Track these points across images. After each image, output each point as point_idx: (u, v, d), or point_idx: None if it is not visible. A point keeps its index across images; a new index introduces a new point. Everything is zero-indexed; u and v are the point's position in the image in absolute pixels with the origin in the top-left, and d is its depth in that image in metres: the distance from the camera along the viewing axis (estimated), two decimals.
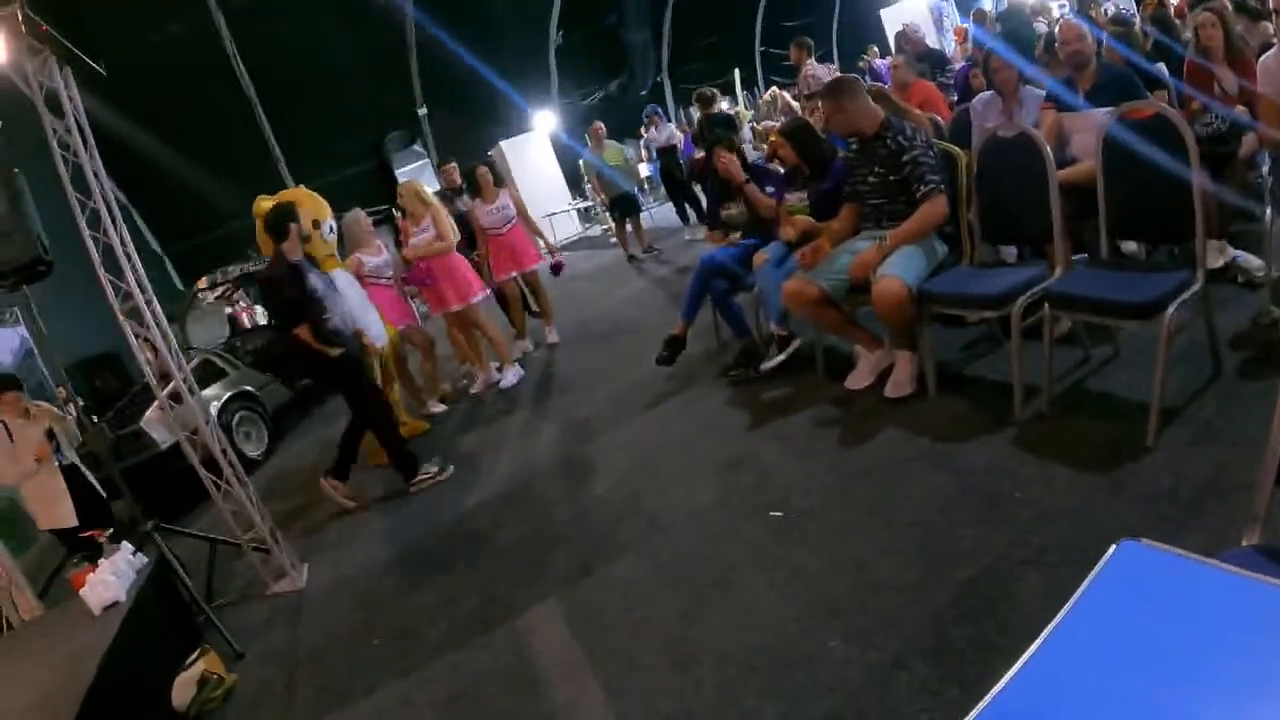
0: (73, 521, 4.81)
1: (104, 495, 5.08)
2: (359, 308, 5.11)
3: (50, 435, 5.00)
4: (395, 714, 2.79)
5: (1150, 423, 2.82)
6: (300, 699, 3.07)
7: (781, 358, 4.46)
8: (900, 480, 3.15)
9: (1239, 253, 3.85)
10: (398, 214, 6.40)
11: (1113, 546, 1.11)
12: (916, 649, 2.25)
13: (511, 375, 6.31)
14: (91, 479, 5.24)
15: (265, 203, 4.91)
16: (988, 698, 0.96)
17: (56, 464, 4.95)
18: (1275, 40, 3.68)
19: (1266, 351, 3.08)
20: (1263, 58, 3.53)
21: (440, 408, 6.17)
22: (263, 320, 8.82)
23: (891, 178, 3.77)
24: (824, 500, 3.21)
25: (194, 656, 3.27)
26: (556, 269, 6.78)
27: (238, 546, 4.08)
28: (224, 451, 4.06)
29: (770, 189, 4.84)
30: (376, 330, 5.22)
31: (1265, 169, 3.75)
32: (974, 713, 0.95)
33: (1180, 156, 2.89)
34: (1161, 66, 4.71)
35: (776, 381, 4.48)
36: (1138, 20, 5.81)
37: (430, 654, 3.04)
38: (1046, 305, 3.13)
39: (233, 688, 3.23)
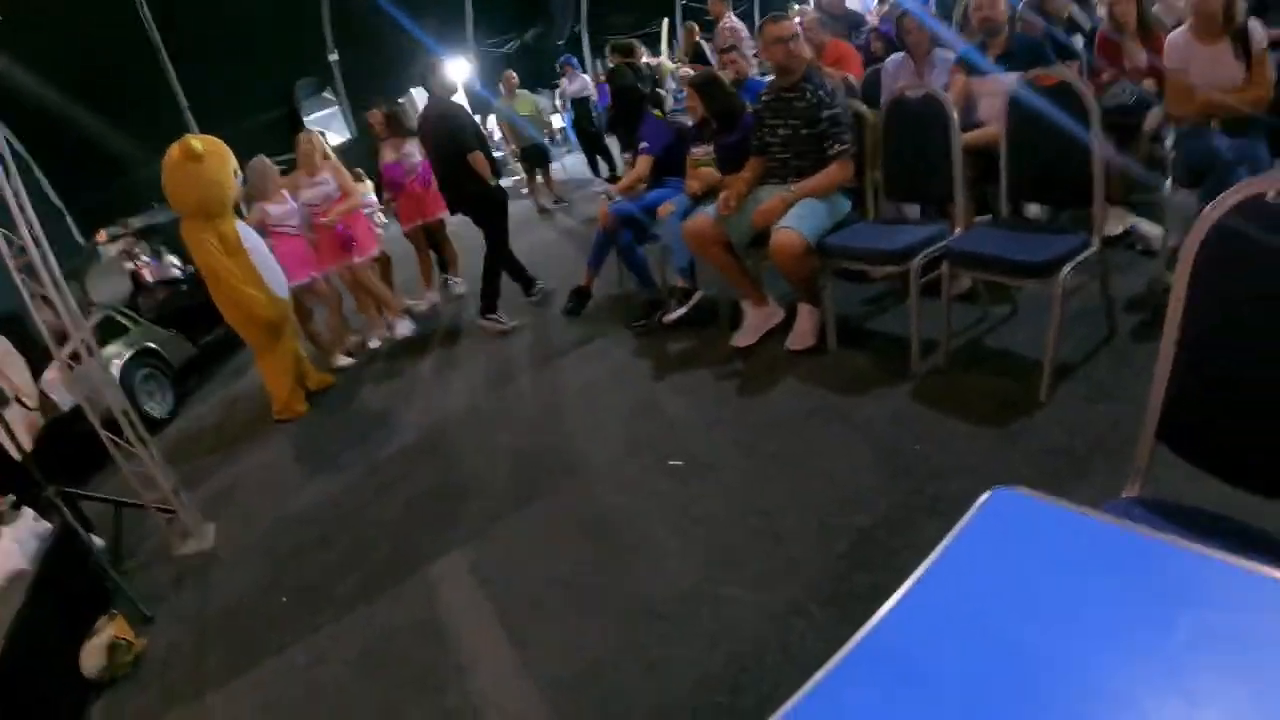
0: None
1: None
2: (262, 259, 4.97)
3: None
4: (306, 671, 2.77)
5: (1044, 379, 2.95)
6: (210, 660, 3.02)
7: (684, 310, 4.52)
8: (802, 431, 3.23)
9: (1139, 220, 4.02)
10: None
11: (986, 493, 1.14)
12: (815, 595, 2.33)
13: (404, 326, 6.25)
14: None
15: (195, 143, 4.71)
16: (857, 635, 0.98)
17: None
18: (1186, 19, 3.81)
19: (1159, 316, 3.21)
20: (1170, 34, 3.65)
21: (347, 361, 6.06)
22: (170, 273, 8.44)
23: (804, 131, 3.80)
24: (727, 450, 3.28)
25: (102, 622, 3.18)
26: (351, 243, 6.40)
27: (143, 508, 3.96)
28: (125, 412, 3.91)
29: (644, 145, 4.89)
30: (280, 280, 5.09)
31: (1169, 142, 3.90)
32: (842, 651, 0.97)
33: (1083, 124, 2.97)
34: (1077, 38, 4.84)
35: (682, 333, 4.54)
36: None
37: (340, 609, 3.03)
38: (945, 262, 3.23)
39: (142, 653, 3.15)
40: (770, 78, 4.21)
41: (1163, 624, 0.92)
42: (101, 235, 8.44)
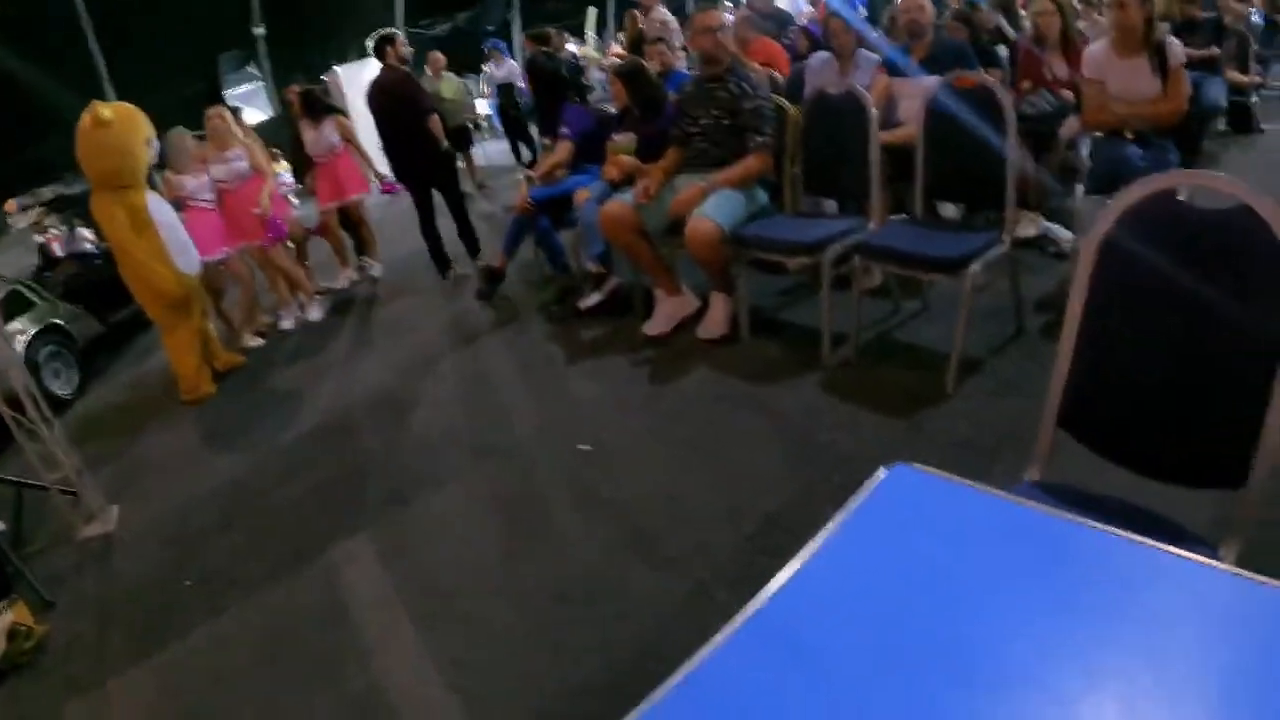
0: None
1: None
2: (173, 234, 4.83)
3: None
4: (209, 656, 2.71)
5: (951, 373, 3.04)
6: (112, 646, 2.92)
7: (598, 296, 4.54)
8: (711, 418, 3.28)
9: (1051, 225, 4.17)
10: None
11: (883, 470, 1.17)
12: (719, 577, 2.38)
13: (316, 308, 6.18)
14: None
15: (104, 111, 4.54)
16: (749, 608, 1.01)
17: None
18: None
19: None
20: (1090, 46, 3.78)
21: (257, 341, 5.92)
22: (82, 247, 8.12)
23: (725, 122, 3.84)
24: (637, 435, 3.32)
25: (1, 608, 3.04)
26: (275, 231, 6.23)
27: (45, 490, 3.81)
28: (28, 390, 3.76)
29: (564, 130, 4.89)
30: (191, 257, 4.95)
31: (1084, 151, 4.06)
32: (733, 624, 0.99)
33: (999, 128, 3.07)
34: (1002, 48, 4.99)
35: (595, 319, 4.57)
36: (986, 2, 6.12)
37: (243, 593, 2.97)
38: (857, 255, 3.31)
39: (43, 639, 3.02)
40: (696, 71, 4.25)
41: (1060, 600, 0.95)
42: (11, 205, 8.08)
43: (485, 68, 11.04)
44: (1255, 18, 7.23)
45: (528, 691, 2.19)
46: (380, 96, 5.90)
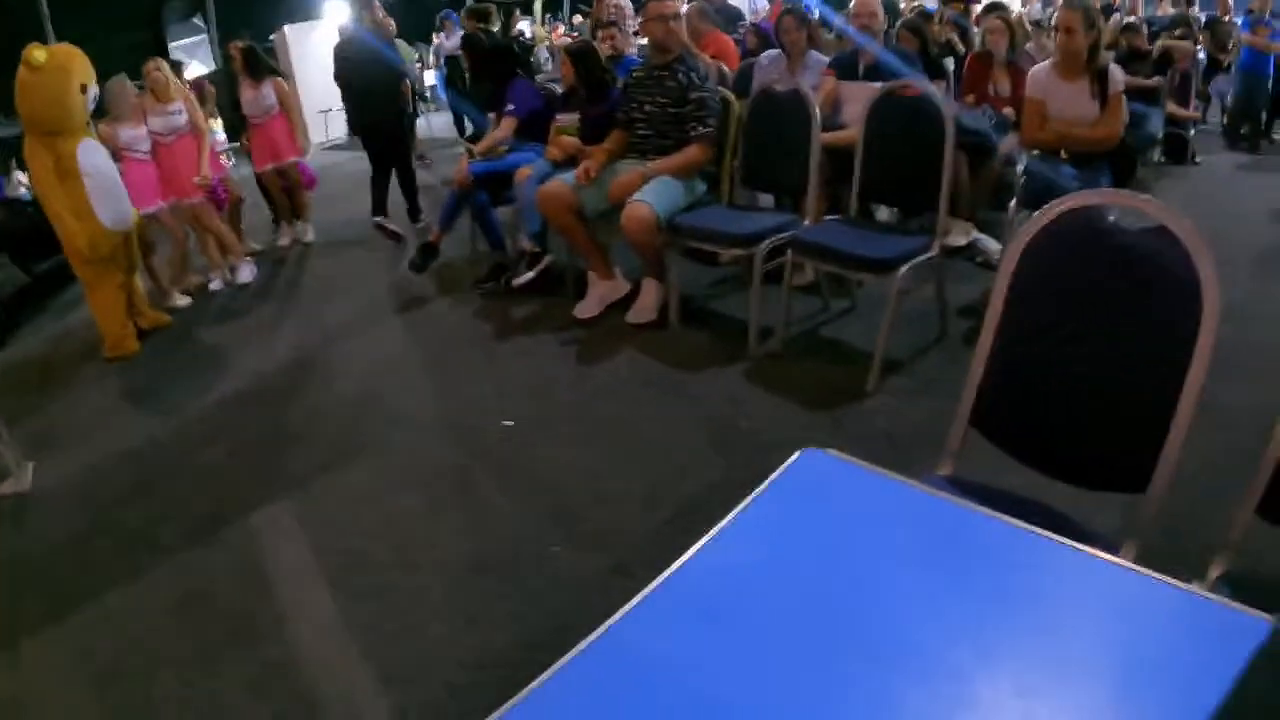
0: None
1: None
2: (108, 184, 4.71)
3: None
4: (123, 619, 2.67)
5: (874, 371, 3.14)
6: (25, 608, 2.85)
7: (531, 275, 4.54)
8: (636, 401, 3.35)
9: (981, 235, 4.31)
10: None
11: (796, 452, 1.21)
12: (637, 556, 2.44)
13: (246, 270, 6.09)
14: None
15: (37, 53, 4.41)
16: (659, 578, 1.04)
17: None
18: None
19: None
20: (1035, 68, 3.91)
21: (184, 300, 5.79)
22: (17, 193, 7.82)
23: (670, 109, 3.89)
24: (561, 414, 3.37)
25: None
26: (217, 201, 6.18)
27: None
28: None
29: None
30: (121, 211, 4.84)
31: (1019, 167, 4.20)
32: (643, 592, 1.03)
33: (938, 137, 3.16)
34: (950, 61, 5.12)
35: (527, 298, 4.59)
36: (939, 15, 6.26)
37: (160, 557, 2.93)
38: (790, 250, 3.39)
39: None
40: (646, 58, 4.29)
41: (960, 584, 0.99)
42: None
43: (436, 37, 10.87)
44: (1199, 54, 7.52)
45: (441, 661, 2.23)
46: (349, 54, 6.24)
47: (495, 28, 8.37)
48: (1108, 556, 1.00)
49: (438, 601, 2.43)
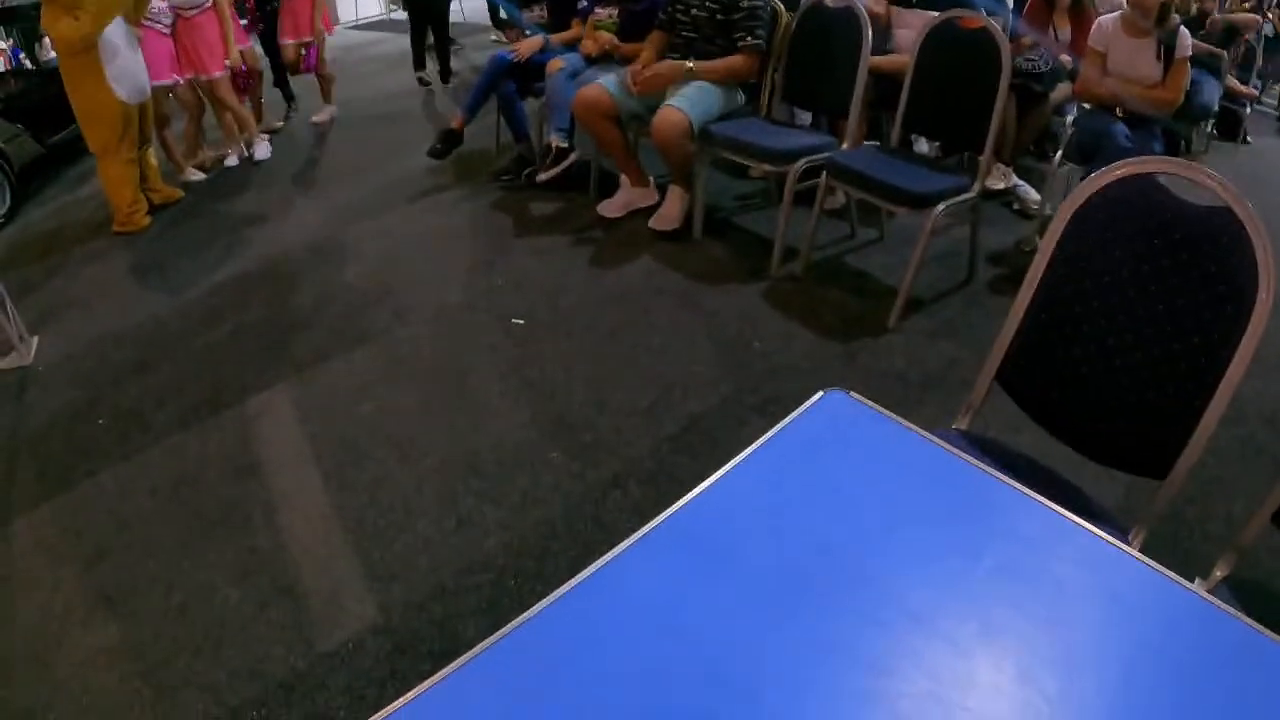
0: None
1: None
2: (125, 53, 4.57)
3: None
4: (116, 499, 2.66)
5: (895, 307, 3.04)
6: (19, 483, 2.85)
7: (557, 170, 4.40)
8: (649, 310, 3.26)
9: (1021, 183, 4.13)
10: None
11: (820, 392, 1.17)
12: (635, 472, 2.39)
13: (263, 148, 5.99)
14: None
15: None
16: (668, 510, 1.01)
17: None
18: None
19: (1018, 274, 3.30)
20: (1102, 17, 3.69)
21: (198, 175, 5.70)
22: (29, 63, 7.66)
23: (719, 16, 3.70)
24: (571, 316, 3.29)
25: None
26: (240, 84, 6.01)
27: None
28: None
29: (584, 3, 4.68)
30: (137, 82, 4.71)
31: (1069, 118, 3.99)
32: (650, 524, 0.99)
33: (992, 74, 2.99)
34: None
35: (548, 194, 4.46)
36: None
37: (155, 437, 2.91)
38: (825, 173, 3.25)
39: None
40: None
41: (969, 551, 0.97)
42: None
43: None
44: (1266, 29, 7.15)
45: (429, 562, 2.20)
46: None
47: None
48: (1117, 543, 0.98)
49: (429, 500, 2.39)
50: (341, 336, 3.36)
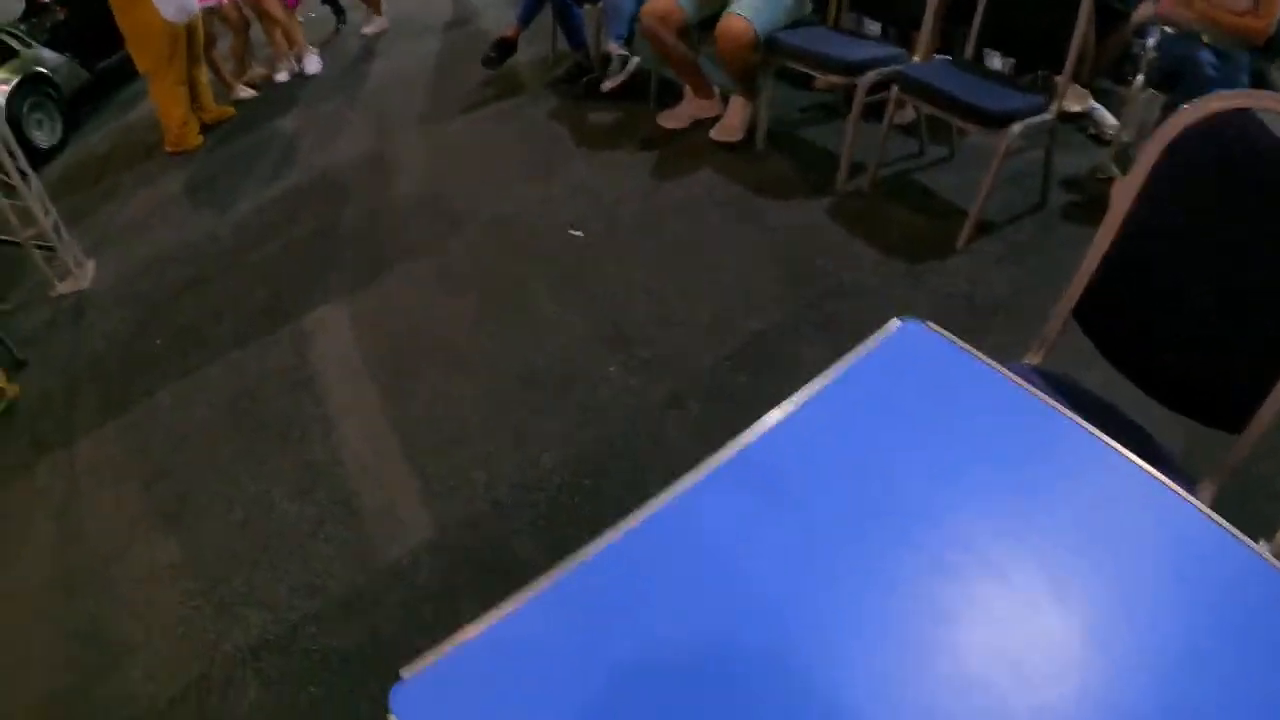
0: None
1: None
2: None
3: None
4: (175, 415, 2.68)
5: (964, 229, 2.90)
6: (81, 408, 2.89)
7: (621, 78, 4.26)
8: (710, 223, 3.16)
9: (1097, 106, 3.90)
10: None
11: (896, 321, 1.13)
12: (694, 388, 2.32)
13: (313, 61, 5.92)
14: None
15: None
16: (739, 440, 0.98)
17: None
18: None
19: (1092, 201, 3.19)
20: None
21: (248, 93, 5.67)
22: None
23: None
24: (629, 227, 3.20)
25: None
26: None
27: (19, 246, 3.69)
28: (5, 142, 3.54)
29: None
30: (186, 2, 4.65)
31: (1151, 41, 3.74)
32: (721, 455, 0.97)
33: None
34: None
35: (605, 103, 4.33)
36: None
37: (211, 354, 2.92)
38: (896, 86, 3.09)
39: (15, 400, 2.97)
40: None
41: (1041, 494, 0.94)
42: None
43: None
44: None
45: (485, 476, 2.17)
46: None
47: None
48: (1185, 495, 0.94)
49: (486, 413, 2.36)
50: (396, 247, 3.33)
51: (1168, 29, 3.50)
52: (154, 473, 2.47)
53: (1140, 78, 3.48)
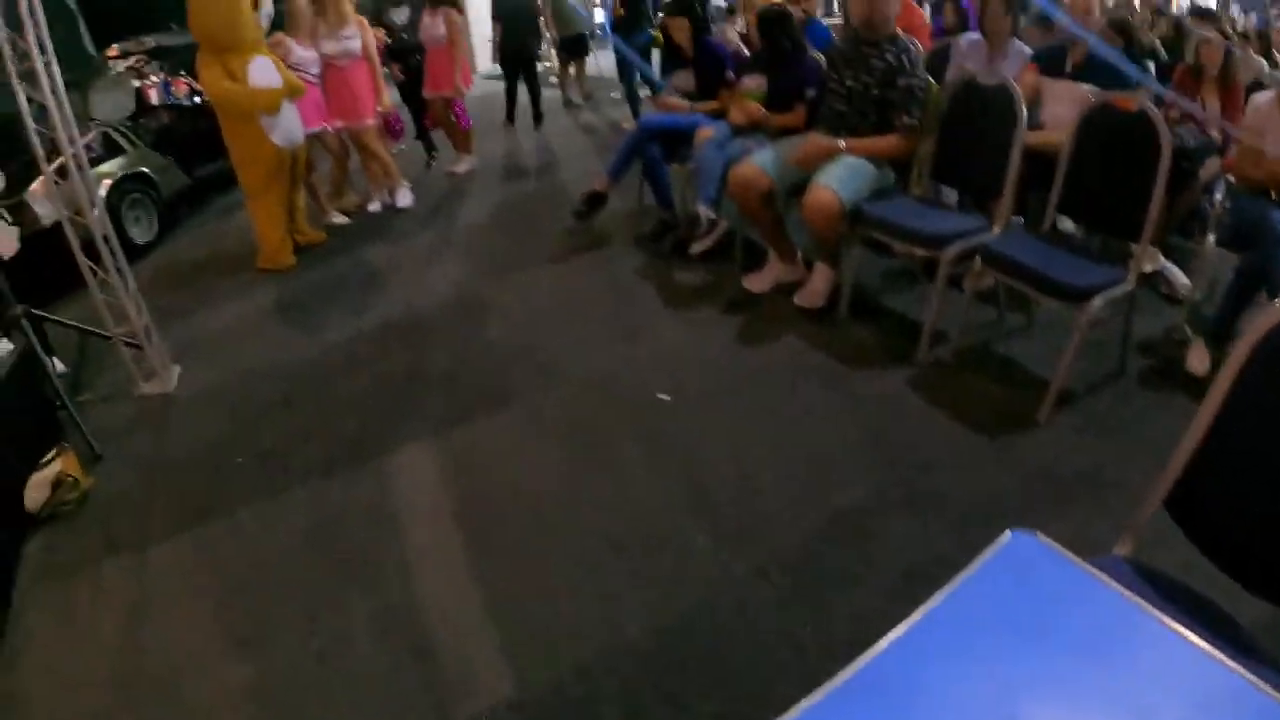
0: None
1: None
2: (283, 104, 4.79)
3: None
4: (253, 537, 2.70)
5: (1046, 402, 2.89)
6: (157, 509, 2.92)
7: (709, 242, 4.38)
8: (795, 390, 3.18)
9: (1168, 264, 3.93)
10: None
11: (1007, 533, 1.14)
12: (781, 561, 2.29)
13: (405, 195, 6.19)
14: None
15: None
16: (862, 658, 0.98)
17: None
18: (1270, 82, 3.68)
19: (1169, 365, 3.19)
20: (1257, 95, 3.51)
21: (341, 219, 5.94)
22: (178, 98, 8.13)
23: (874, 92, 3.64)
24: (715, 392, 3.22)
25: (51, 455, 3.00)
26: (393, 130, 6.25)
27: (108, 340, 3.80)
28: (106, 238, 3.67)
29: (730, 72, 4.71)
30: (289, 128, 4.91)
31: (1218, 196, 3.80)
32: (845, 673, 0.96)
33: (1151, 159, 2.85)
34: (1150, 65, 4.69)
35: (688, 261, 4.44)
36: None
37: (295, 479, 2.94)
38: (978, 258, 3.14)
39: (89, 491, 3.02)
40: (832, 21, 4.05)
41: (1148, 712, 0.93)
42: (113, 50, 8.06)
43: None
44: None
45: (567, 639, 2.13)
46: None
47: None
48: None
49: (571, 572, 2.34)
50: (485, 394, 3.38)
51: (1236, 185, 3.54)
52: (229, 591, 2.47)
53: (1211, 237, 3.51)
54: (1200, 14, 5.10)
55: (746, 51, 5.03)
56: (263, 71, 4.77)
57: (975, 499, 2.49)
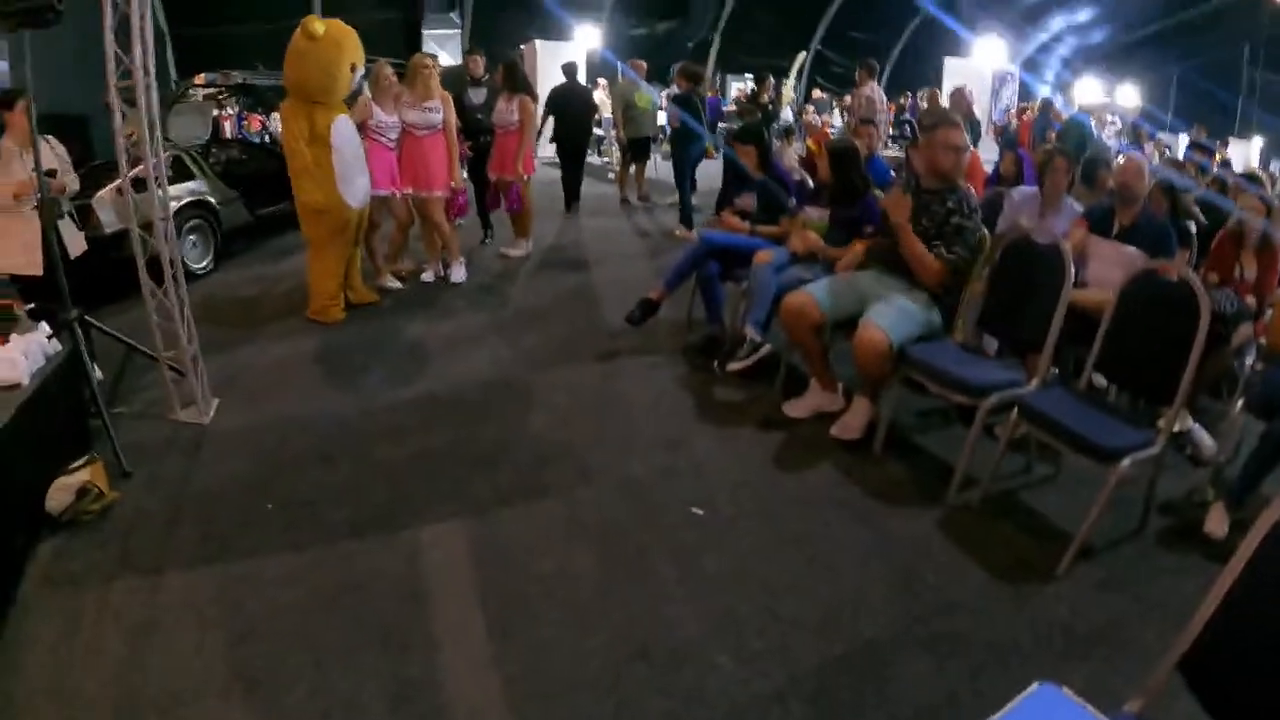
0: (37, 270, 3.92)
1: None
2: (352, 160, 4.95)
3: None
4: (273, 582, 2.71)
5: (1067, 555, 2.92)
6: (178, 537, 2.95)
7: (748, 363, 4.45)
8: (826, 521, 3.20)
9: (1196, 426, 3.98)
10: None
11: (1035, 684, 1.21)
12: (800, 689, 2.30)
13: (460, 270, 6.32)
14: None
15: (317, 24, 4.71)
16: None
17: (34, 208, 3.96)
18: None
19: (1188, 528, 3.22)
20: None
21: (395, 284, 6.07)
22: (252, 135, 8.46)
23: (931, 231, 3.77)
24: (748, 513, 3.25)
25: (80, 463, 3.07)
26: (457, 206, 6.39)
27: (153, 360, 3.88)
28: (172, 261, 3.77)
29: (794, 200, 4.86)
30: (361, 188, 5.07)
31: (1250, 360, 3.86)
32: None
33: (1189, 326, 2.92)
34: (1191, 225, 4.81)
35: (733, 378, 4.49)
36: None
37: (324, 536, 2.97)
38: (1015, 410, 3.21)
39: (111, 505, 3.07)
40: (890, 152, 4.20)
41: None
42: (199, 79, 8.38)
43: (671, 85, 11.20)
44: None
45: None
46: (566, 95, 9.16)
47: (766, 93, 10.28)
48: None
49: (593, 674, 2.34)
50: (523, 484, 3.41)
51: (1268, 350, 3.59)
52: (242, 632, 2.48)
53: (1239, 400, 3.55)
54: (1246, 176, 5.22)
55: (808, 177, 5.20)
56: (344, 130, 4.95)
57: (992, 644, 2.51)
